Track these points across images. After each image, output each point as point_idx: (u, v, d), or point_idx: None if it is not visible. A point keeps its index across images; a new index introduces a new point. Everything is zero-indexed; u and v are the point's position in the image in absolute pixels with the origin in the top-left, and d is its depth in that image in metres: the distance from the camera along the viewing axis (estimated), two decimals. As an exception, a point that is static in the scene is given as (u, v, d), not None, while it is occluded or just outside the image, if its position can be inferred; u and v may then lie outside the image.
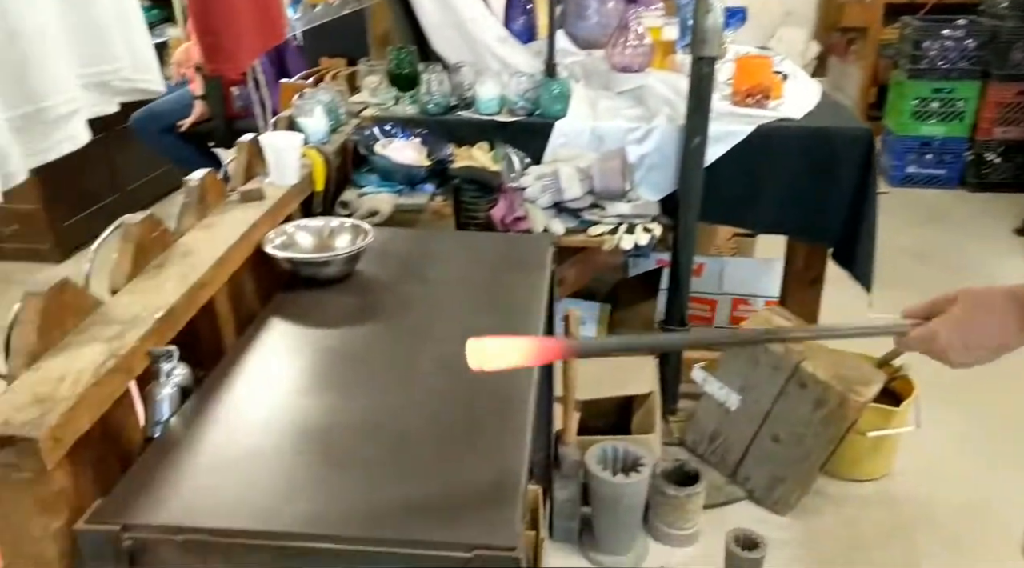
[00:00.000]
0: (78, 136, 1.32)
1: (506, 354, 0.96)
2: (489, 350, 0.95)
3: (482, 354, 0.94)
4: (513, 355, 0.96)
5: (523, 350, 0.97)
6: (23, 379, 1.02)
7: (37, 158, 1.24)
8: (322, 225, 1.68)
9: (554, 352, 1.04)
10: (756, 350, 2.18)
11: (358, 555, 0.94)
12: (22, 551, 0.96)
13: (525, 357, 0.97)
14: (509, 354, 0.96)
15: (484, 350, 0.95)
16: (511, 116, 2.38)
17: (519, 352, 0.96)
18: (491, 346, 0.95)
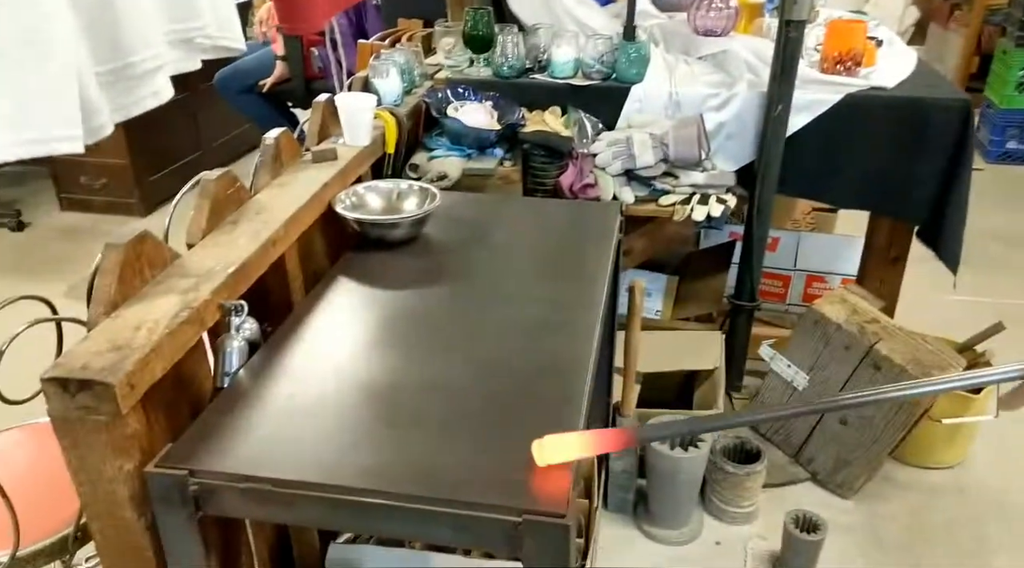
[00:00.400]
0: (162, 91, 1.36)
1: (572, 448, 0.97)
2: (553, 446, 0.97)
3: (546, 450, 0.96)
4: (576, 448, 0.97)
5: (586, 443, 0.98)
6: (102, 327, 1.07)
7: (123, 113, 1.28)
8: (391, 187, 1.70)
9: (618, 441, 1.04)
10: (828, 328, 2.12)
11: (411, 513, 0.95)
12: (97, 491, 1.01)
13: (588, 449, 0.98)
14: (572, 448, 0.97)
15: (548, 446, 0.96)
16: (586, 80, 2.34)
17: (582, 445, 0.98)
18: (555, 442, 0.96)
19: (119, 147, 3.87)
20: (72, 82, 1.07)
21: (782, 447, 2.28)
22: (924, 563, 1.98)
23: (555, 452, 0.97)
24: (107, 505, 1.02)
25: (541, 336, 1.29)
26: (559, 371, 1.20)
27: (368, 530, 1.48)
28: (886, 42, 2.49)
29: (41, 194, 4.18)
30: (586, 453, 0.98)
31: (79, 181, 3.98)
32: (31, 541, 1.32)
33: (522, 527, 0.91)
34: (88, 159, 3.91)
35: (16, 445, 1.57)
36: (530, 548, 0.92)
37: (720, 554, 2.02)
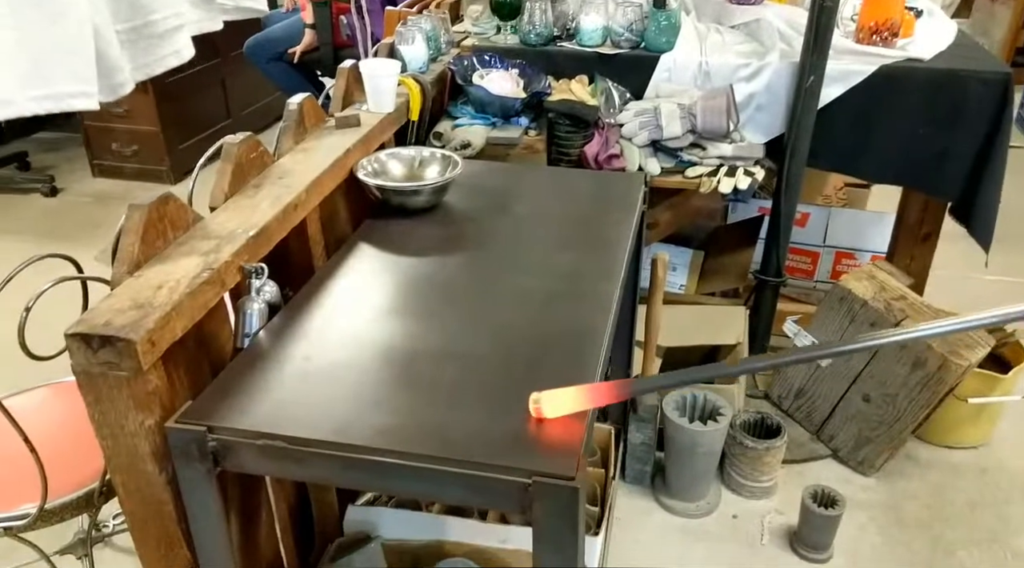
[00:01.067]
0: (183, 50, 1.37)
1: (568, 401, 1.00)
2: (552, 400, 1.00)
3: (544, 404, 1.00)
4: (575, 401, 1.00)
5: (584, 396, 1.01)
6: (125, 285, 1.09)
7: (144, 71, 1.29)
8: (413, 154, 1.70)
9: (613, 394, 1.05)
10: (854, 305, 2.10)
11: (424, 472, 0.96)
12: (119, 445, 1.03)
13: (586, 401, 1.01)
14: (571, 401, 1.00)
15: (546, 400, 1.00)
16: (614, 48, 2.32)
17: (580, 398, 1.01)
18: (554, 396, 1.00)
19: (150, 115, 3.91)
20: (88, 40, 1.08)
21: (803, 424, 2.27)
22: (943, 542, 1.97)
23: (552, 406, 1.00)
24: (129, 459, 1.04)
25: (558, 305, 1.29)
26: (575, 341, 1.20)
27: (381, 489, 1.51)
28: (926, 12, 2.43)
29: (74, 161, 4.24)
30: (582, 406, 1.01)
31: (111, 148, 4.03)
32: (59, 495, 1.36)
33: (532, 489, 0.92)
34: (120, 126, 3.96)
35: (45, 403, 1.61)
36: (539, 510, 0.93)
37: (737, 528, 2.02)
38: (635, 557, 1.93)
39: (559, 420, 1.01)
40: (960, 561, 1.92)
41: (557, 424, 1.01)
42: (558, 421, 1.01)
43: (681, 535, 2.00)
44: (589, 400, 1.02)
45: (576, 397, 1.01)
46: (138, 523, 1.09)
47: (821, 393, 2.21)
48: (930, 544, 1.97)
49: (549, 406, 1.01)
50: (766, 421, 2.08)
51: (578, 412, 1.02)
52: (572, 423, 1.01)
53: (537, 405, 1.01)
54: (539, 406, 1.01)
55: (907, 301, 2.06)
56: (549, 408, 1.01)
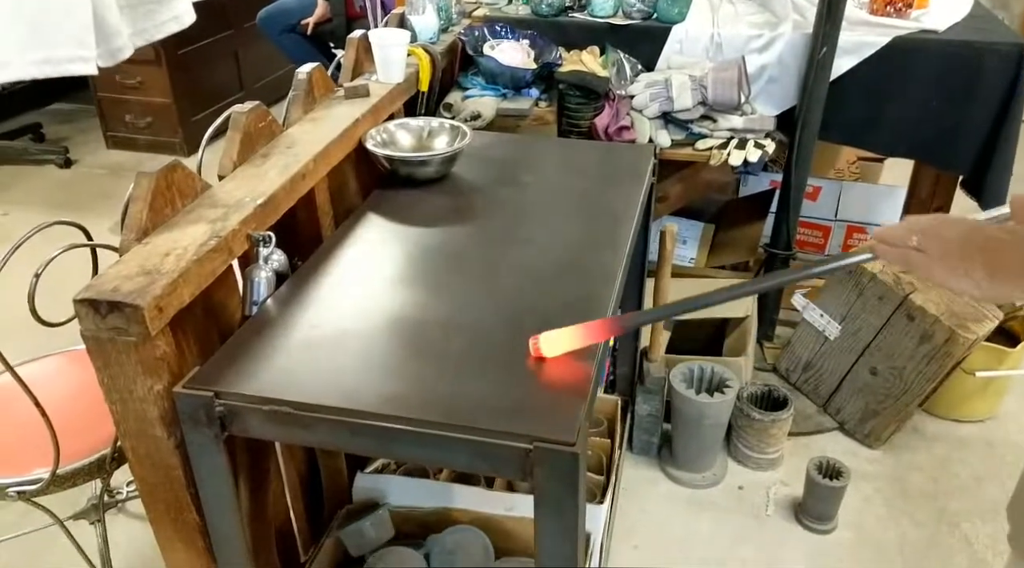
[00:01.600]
0: (183, 16, 1.36)
1: (565, 340, 1.07)
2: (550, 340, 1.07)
3: (544, 345, 1.07)
4: (571, 340, 1.07)
5: (579, 334, 1.07)
6: (133, 252, 1.10)
7: (144, 36, 1.29)
8: (422, 125, 1.70)
9: (605, 330, 1.10)
10: (862, 279, 2.09)
11: (427, 438, 0.98)
12: (128, 409, 1.05)
13: (582, 339, 1.07)
14: (568, 340, 1.07)
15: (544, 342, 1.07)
16: (626, 19, 2.30)
17: (576, 336, 1.07)
18: (551, 336, 1.07)
19: (163, 86, 3.92)
20: (86, 5, 1.08)
21: (811, 396, 2.27)
22: (948, 514, 1.98)
23: (551, 346, 1.07)
24: (138, 424, 1.06)
25: (563, 277, 1.30)
26: (578, 312, 1.21)
27: (386, 454, 1.53)
28: (941, -17, 2.39)
29: (88, 132, 4.26)
30: (578, 345, 1.07)
31: (124, 120, 4.05)
32: (71, 460, 1.39)
33: (533, 454, 0.93)
34: (133, 98, 3.97)
35: (59, 370, 1.64)
36: (540, 474, 0.94)
37: (742, 498, 2.03)
38: (641, 527, 1.95)
39: (562, 388, 1.03)
40: (964, 533, 1.93)
41: (559, 391, 1.02)
42: (561, 388, 1.03)
43: (687, 505, 2.02)
44: (585, 338, 1.07)
45: (573, 336, 1.07)
46: (148, 488, 1.12)
47: (828, 366, 2.21)
48: (935, 516, 1.98)
49: (548, 346, 1.06)
50: (773, 393, 2.09)
51: (581, 381, 1.03)
52: (574, 390, 1.02)
53: (536, 345, 1.07)
54: (538, 346, 1.06)
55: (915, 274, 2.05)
56: (547, 347, 1.06)
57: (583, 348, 1.08)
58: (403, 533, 1.62)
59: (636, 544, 1.91)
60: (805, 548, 1.90)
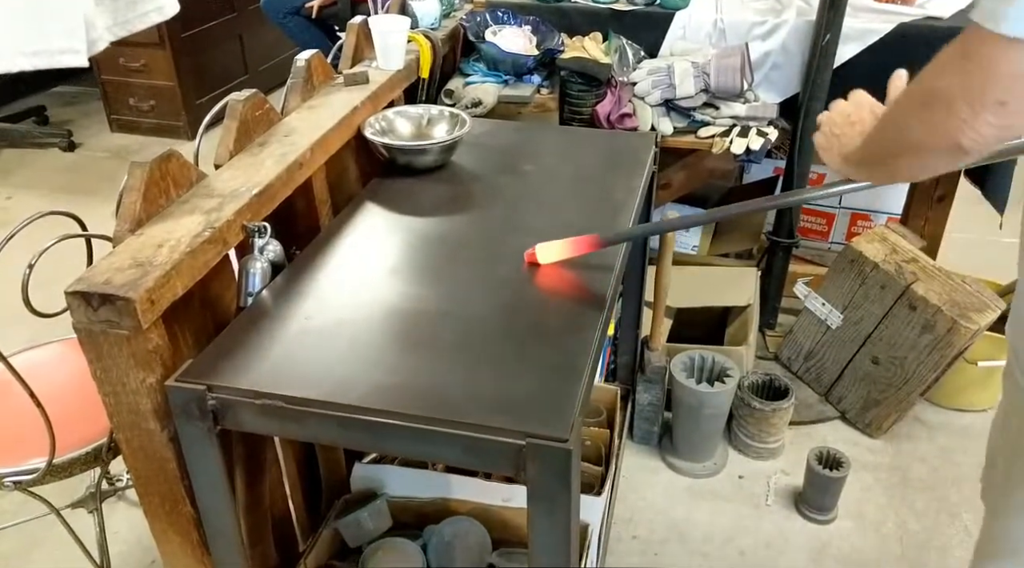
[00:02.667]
0: (166, 7, 1.35)
1: (558, 250, 1.27)
2: (543, 251, 1.27)
3: (540, 254, 1.27)
4: (561, 250, 1.26)
5: (568, 246, 1.26)
6: (127, 243, 1.09)
7: (125, 27, 1.27)
8: (421, 113, 1.68)
9: (588, 244, 1.27)
10: (864, 267, 2.07)
11: (420, 433, 0.97)
12: (121, 402, 1.05)
13: (569, 250, 1.26)
14: (558, 250, 1.27)
15: (540, 252, 1.27)
16: (629, 5, 2.28)
17: (565, 248, 1.26)
18: (546, 247, 1.27)
19: (167, 70, 3.90)
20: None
21: (812, 386, 2.27)
22: (949, 504, 1.97)
23: (545, 254, 1.26)
24: (131, 416, 1.06)
25: (561, 267, 1.29)
26: (575, 302, 1.20)
27: (378, 449, 1.53)
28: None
29: (92, 115, 4.25)
30: (570, 254, 1.26)
31: (128, 103, 4.04)
32: (68, 450, 1.39)
33: (526, 450, 0.93)
34: (137, 81, 3.96)
35: (58, 358, 1.64)
36: (533, 470, 0.94)
37: (743, 488, 2.03)
38: (641, 516, 1.95)
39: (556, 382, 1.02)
40: (964, 524, 1.92)
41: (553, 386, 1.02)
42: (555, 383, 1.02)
43: (687, 495, 2.02)
44: (572, 249, 1.26)
45: (565, 247, 1.26)
46: (142, 480, 1.12)
47: (830, 355, 2.20)
48: (935, 506, 1.97)
49: (543, 253, 1.25)
50: (774, 383, 2.08)
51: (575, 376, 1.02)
52: (568, 385, 1.02)
53: (532, 253, 1.26)
54: (533, 253, 1.25)
55: (918, 264, 2.04)
56: (543, 255, 1.25)
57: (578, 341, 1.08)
58: (401, 523, 1.62)
59: (636, 534, 1.91)
60: (805, 538, 1.90)
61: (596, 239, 1.27)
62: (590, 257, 1.32)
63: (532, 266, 1.27)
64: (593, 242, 1.26)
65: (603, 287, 1.23)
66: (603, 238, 1.28)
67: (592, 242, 1.26)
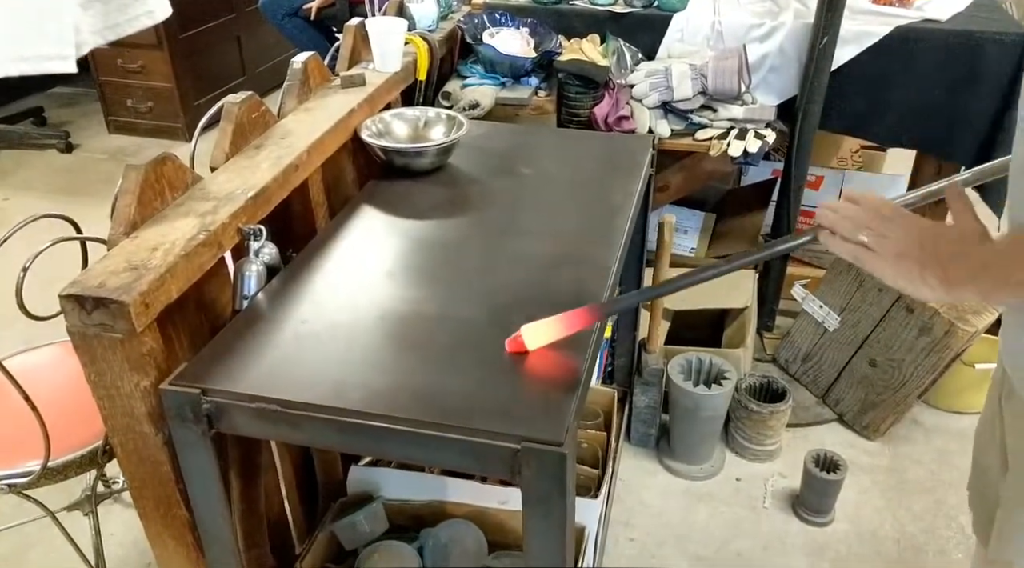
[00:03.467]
0: (156, 11, 1.34)
1: (547, 331, 1.06)
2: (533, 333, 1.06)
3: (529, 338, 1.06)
4: (554, 331, 1.06)
5: (561, 324, 1.07)
6: (121, 246, 1.09)
7: (115, 31, 1.27)
8: (418, 115, 1.68)
9: (587, 318, 1.08)
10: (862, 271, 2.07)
11: (415, 437, 0.97)
12: (115, 406, 1.05)
13: (564, 329, 1.07)
14: (549, 331, 1.07)
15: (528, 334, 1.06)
16: (627, 7, 2.28)
17: (558, 326, 1.07)
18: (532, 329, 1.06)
19: (165, 71, 3.90)
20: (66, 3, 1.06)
21: (810, 388, 2.26)
22: (946, 506, 1.97)
23: (533, 338, 1.06)
24: (125, 420, 1.06)
25: (557, 270, 1.29)
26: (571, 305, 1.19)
27: (374, 453, 1.53)
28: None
29: (90, 116, 4.25)
30: (560, 335, 1.06)
31: (126, 104, 4.03)
32: (63, 452, 1.38)
33: (521, 454, 0.93)
34: (135, 82, 3.96)
35: (54, 360, 1.64)
36: (528, 474, 0.93)
37: (740, 490, 2.03)
38: (638, 518, 1.95)
39: (552, 386, 1.02)
40: (961, 526, 1.92)
41: (549, 390, 1.01)
42: (551, 387, 1.02)
43: (685, 497, 2.02)
44: (566, 327, 1.06)
45: (555, 326, 1.06)
46: (136, 483, 1.11)
47: (828, 358, 2.20)
48: (932, 509, 1.97)
49: (530, 337, 1.06)
50: (772, 385, 2.08)
51: (571, 379, 1.02)
52: (563, 388, 1.01)
53: (518, 338, 1.06)
54: (520, 339, 1.06)
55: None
56: (530, 339, 1.06)
57: (574, 344, 1.08)
58: (397, 526, 1.62)
59: (633, 536, 1.91)
60: (802, 540, 1.90)
61: (593, 311, 1.08)
62: (586, 259, 1.32)
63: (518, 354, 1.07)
64: (588, 316, 1.08)
65: (599, 290, 1.23)
66: (602, 311, 1.12)
67: (587, 316, 1.08)
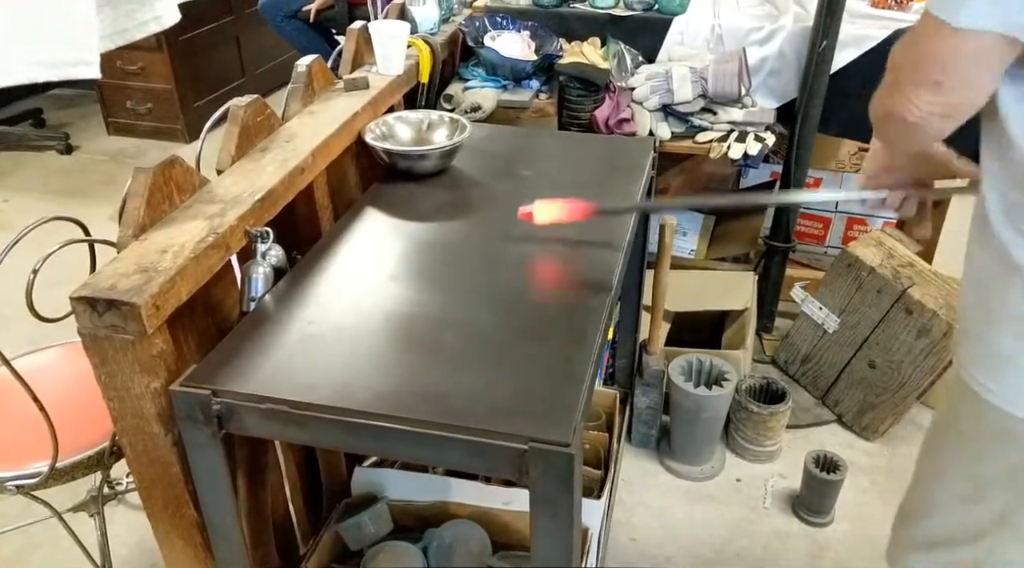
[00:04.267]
0: (164, 17, 1.34)
1: (555, 211, 1.32)
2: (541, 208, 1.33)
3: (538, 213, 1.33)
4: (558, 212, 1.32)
5: (564, 209, 1.32)
6: (130, 249, 1.10)
7: (124, 36, 1.27)
8: (421, 118, 1.69)
9: (583, 211, 1.32)
10: (861, 272, 2.09)
11: (423, 437, 0.98)
12: (125, 407, 1.06)
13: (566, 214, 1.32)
14: (555, 212, 1.32)
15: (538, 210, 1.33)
16: (627, 10, 2.29)
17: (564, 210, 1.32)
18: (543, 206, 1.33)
19: (164, 72, 3.91)
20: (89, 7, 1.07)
21: (809, 389, 2.28)
22: (945, 508, 1.98)
23: (541, 213, 1.32)
24: (135, 421, 1.06)
25: (561, 272, 1.30)
26: (574, 308, 1.21)
27: (382, 453, 1.54)
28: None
29: (89, 118, 4.25)
30: (566, 218, 1.32)
31: (126, 106, 4.04)
32: (70, 453, 1.39)
33: (528, 455, 0.94)
34: (134, 84, 3.96)
35: (61, 361, 1.64)
36: (535, 475, 0.94)
37: (740, 491, 2.04)
38: (640, 519, 1.96)
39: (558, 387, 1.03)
40: (960, 527, 1.93)
41: (555, 390, 1.02)
42: (556, 388, 1.03)
43: (685, 498, 2.03)
44: (571, 214, 1.31)
45: (561, 209, 1.31)
46: (146, 484, 1.12)
47: (827, 359, 2.21)
48: (931, 510, 1.98)
49: (540, 212, 1.31)
50: (772, 386, 2.09)
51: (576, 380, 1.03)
52: (570, 389, 1.02)
53: (530, 211, 1.32)
54: (531, 211, 1.32)
55: (914, 268, 2.05)
56: (540, 214, 1.31)
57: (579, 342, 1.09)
58: (401, 527, 1.63)
59: (634, 536, 1.92)
60: (802, 541, 1.91)
61: (593, 207, 1.33)
62: (590, 262, 1.33)
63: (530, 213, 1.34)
64: (589, 209, 1.32)
65: (603, 292, 1.24)
66: (600, 206, 1.35)
67: (589, 209, 1.32)
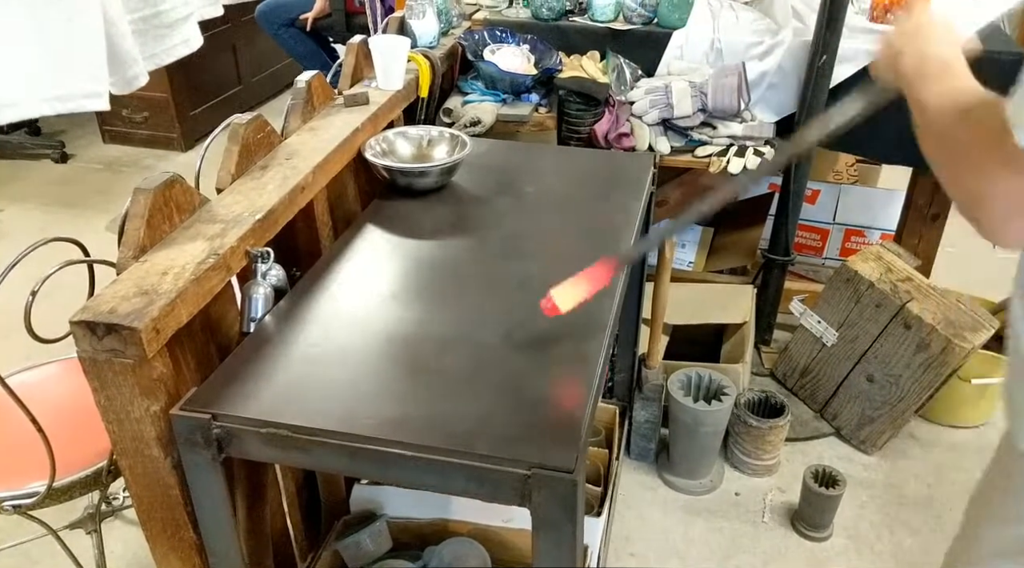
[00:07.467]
0: (191, 40, 1.36)
1: (575, 291, 1.14)
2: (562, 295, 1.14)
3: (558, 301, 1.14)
4: (581, 289, 1.14)
5: (585, 282, 1.15)
6: (130, 271, 1.09)
7: (154, 61, 1.28)
8: (422, 134, 1.69)
9: (606, 272, 1.16)
10: (860, 286, 2.09)
11: (425, 463, 0.98)
12: (125, 430, 1.05)
13: (590, 286, 1.15)
14: (577, 290, 1.15)
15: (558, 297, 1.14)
16: (627, 24, 2.29)
17: (584, 285, 1.15)
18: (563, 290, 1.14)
19: (160, 81, 3.89)
20: (100, 38, 1.07)
21: (808, 402, 2.28)
22: (943, 521, 1.99)
23: (565, 299, 1.14)
24: (134, 444, 1.06)
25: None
26: (577, 328, 1.20)
27: (384, 478, 1.52)
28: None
29: (85, 126, 4.24)
30: (588, 292, 1.14)
31: (121, 114, 4.02)
32: (67, 472, 1.38)
33: (531, 480, 0.93)
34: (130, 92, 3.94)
35: (57, 378, 1.63)
36: (539, 500, 0.94)
37: (739, 505, 2.04)
38: (638, 534, 1.96)
39: (561, 411, 1.03)
40: (959, 542, 1.93)
41: (558, 414, 1.02)
42: (560, 412, 1.03)
43: (684, 512, 2.02)
44: (591, 285, 1.15)
45: (580, 286, 1.15)
46: (144, 506, 1.12)
47: (826, 372, 2.21)
48: (930, 523, 1.99)
49: (562, 300, 1.13)
50: (770, 400, 2.09)
51: (579, 404, 1.03)
52: (572, 413, 1.02)
53: (551, 304, 1.13)
54: (553, 304, 1.13)
55: (913, 283, 2.05)
56: (562, 303, 1.13)
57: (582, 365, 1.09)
58: (401, 544, 1.62)
59: (633, 551, 1.91)
60: (801, 555, 1.91)
61: (611, 263, 1.16)
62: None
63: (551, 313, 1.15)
64: (608, 268, 1.15)
65: (605, 313, 1.23)
66: (620, 260, 1.20)
67: (607, 269, 1.15)
